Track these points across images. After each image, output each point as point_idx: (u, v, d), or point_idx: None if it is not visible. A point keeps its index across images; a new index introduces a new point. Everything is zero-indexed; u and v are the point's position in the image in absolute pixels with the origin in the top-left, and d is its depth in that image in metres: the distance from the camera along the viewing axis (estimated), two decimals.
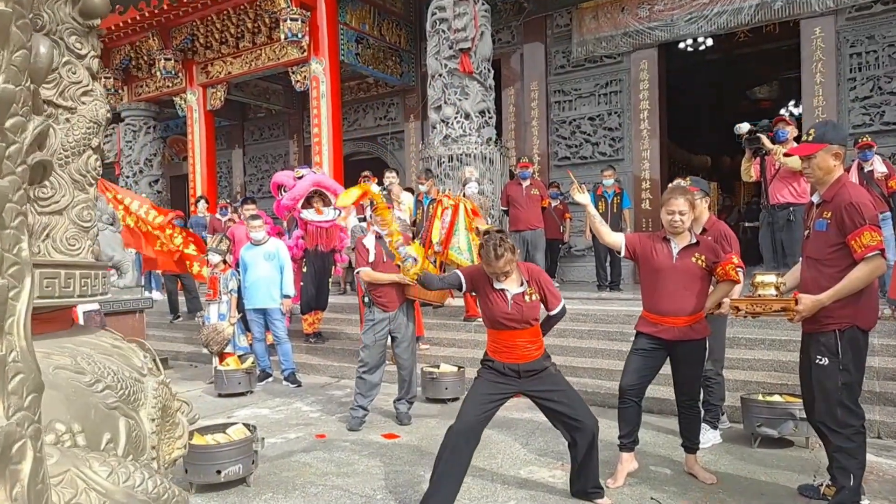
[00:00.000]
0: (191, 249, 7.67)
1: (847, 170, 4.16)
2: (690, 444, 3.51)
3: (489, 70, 8.76)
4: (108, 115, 1.51)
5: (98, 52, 1.49)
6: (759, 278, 2.97)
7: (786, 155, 3.67)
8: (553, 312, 3.26)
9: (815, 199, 2.91)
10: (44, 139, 0.77)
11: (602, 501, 3.17)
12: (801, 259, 3.04)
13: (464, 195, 6.84)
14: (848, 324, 2.74)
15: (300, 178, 7.24)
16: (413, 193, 8.28)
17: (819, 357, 2.81)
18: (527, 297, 3.08)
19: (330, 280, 7.65)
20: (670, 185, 3.90)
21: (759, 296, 2.93)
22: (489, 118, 8.72)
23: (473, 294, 6.63)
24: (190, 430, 1.92)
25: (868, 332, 2.81)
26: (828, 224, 2.75)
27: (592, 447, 3.14)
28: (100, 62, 1.52)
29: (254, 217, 6.29)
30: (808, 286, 2.85)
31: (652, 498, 3.21)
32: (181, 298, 8.97)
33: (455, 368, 5.46)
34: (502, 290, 3.07)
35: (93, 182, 1.47)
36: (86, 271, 1.40)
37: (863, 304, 2.74)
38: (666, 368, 3.57)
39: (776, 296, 2.92)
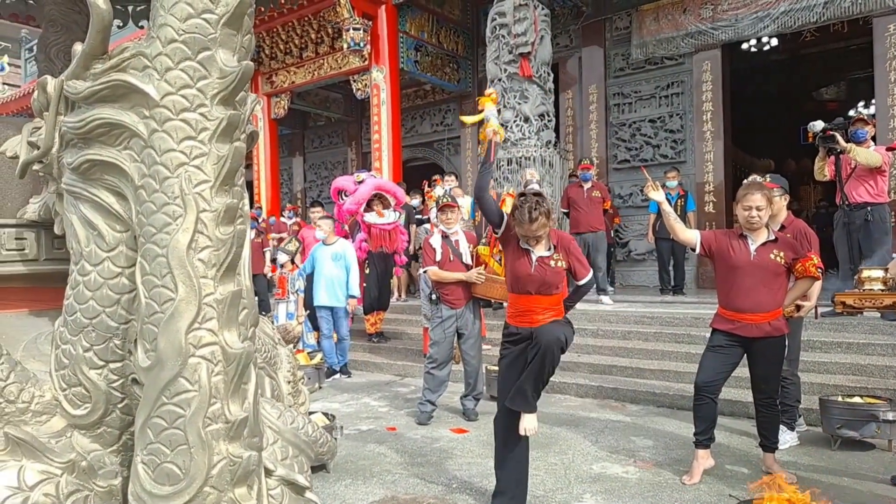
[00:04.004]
0: None
1: None
2: (769, 443, 3.46)
3: (548, 74, 8.78)
4: None
5: None
6: (865, 273, 2.96)
7: (888, 149, 3.61)
8: (582, 282, 3.10)
9: None
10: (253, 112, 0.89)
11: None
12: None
13: None
14: None
15: (360, 182, 7.46)
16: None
17: None
18: (552, 262, 2.97)
19: (391, 281, 7.82)
20: (745, 181, 3.87)
21: (866, 290, 2.90)
22: (548, 121, 8.73)
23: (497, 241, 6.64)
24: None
25: None
26: None
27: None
28: None
29: (322, 219, 6.56)
30: None
31: (730, 495, 3.18)
32: None
33: None
34: (527, 250, 2.98)
35: None
36: None
37: None
38: (739, 371, 3.53)
39: (884, 290, 2.88)
